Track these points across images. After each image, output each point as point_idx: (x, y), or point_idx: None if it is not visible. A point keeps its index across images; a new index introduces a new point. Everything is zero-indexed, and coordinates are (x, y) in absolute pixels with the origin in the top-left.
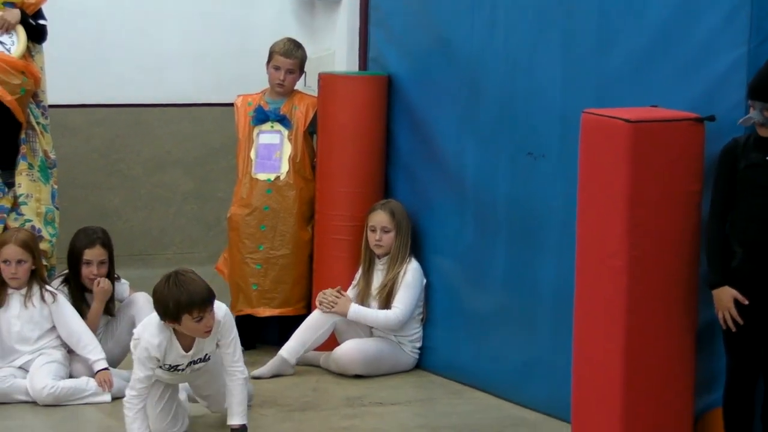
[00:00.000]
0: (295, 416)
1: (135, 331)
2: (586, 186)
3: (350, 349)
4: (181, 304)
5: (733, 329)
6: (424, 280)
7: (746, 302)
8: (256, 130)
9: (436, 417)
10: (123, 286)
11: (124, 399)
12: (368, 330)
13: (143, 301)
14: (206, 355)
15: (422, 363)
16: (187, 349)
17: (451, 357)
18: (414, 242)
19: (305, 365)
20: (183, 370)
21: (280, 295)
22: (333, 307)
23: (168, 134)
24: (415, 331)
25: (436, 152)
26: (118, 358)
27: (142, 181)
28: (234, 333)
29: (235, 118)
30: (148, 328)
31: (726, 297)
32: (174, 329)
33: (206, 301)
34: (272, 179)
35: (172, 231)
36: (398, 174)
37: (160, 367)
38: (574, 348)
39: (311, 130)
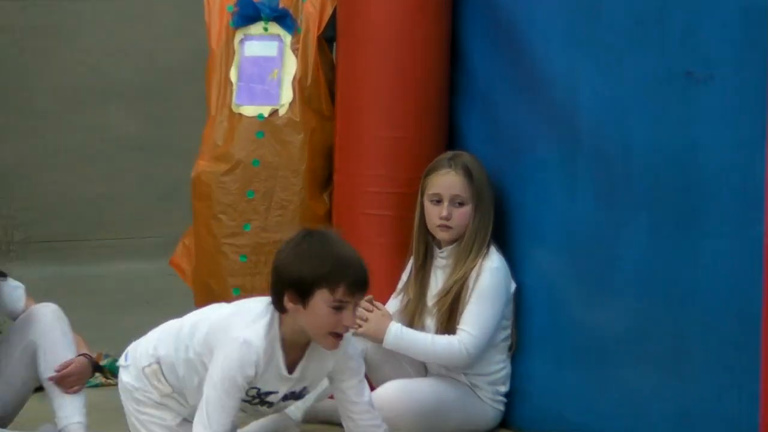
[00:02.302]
0: None
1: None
2: None
3: (393, 396)
4: (334, 267)
5: None
6: (513, 286)
7: None
8: (238, 36)
9: None
10: (14, 292)
11: None
12: (420, 365)
13: (51, 317)
14: (305, 387)
15: (510, 416)
16: (291, 368)
17: (555, 406)
18: (496, 223)
19: (318, 423)
20: (272, 405)
21: None
22: (362, 326)
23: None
24: (500, 366)
25: (532, 77)
26: (11, 407)
27: (49, 120)
28: (361, 359)
29: (205, 18)
30: (249, 325)
31: None
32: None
33: (365, 279)
34: (266, 115)
35: (99, 203)
36: (471, 111)
37: (246, 399)
38: (762, 386)
39: (329, 35)
